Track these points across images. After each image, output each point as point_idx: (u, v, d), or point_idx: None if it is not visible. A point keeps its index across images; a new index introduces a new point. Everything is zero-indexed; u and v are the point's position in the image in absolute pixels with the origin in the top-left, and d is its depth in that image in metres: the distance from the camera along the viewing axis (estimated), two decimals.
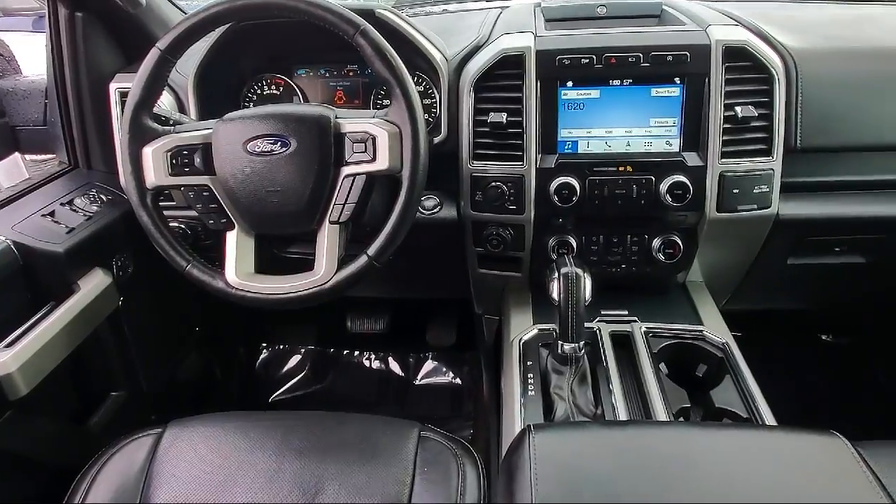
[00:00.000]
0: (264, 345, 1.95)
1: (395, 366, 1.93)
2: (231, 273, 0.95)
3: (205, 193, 0.94)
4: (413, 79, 1.20)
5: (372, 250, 0.92)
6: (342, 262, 0.94)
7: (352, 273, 0.92)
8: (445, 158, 1.16)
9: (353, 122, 0.92)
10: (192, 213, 1.00)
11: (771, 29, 1.13)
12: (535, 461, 0.62)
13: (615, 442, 0.65)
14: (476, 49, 1.14)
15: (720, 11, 1.20)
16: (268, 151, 0.91)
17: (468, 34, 1.22)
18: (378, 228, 0.93)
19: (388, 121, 0.91)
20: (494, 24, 1.25)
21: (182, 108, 1.23)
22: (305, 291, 0.93)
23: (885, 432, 0.95)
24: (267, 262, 1.00)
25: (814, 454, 0.63)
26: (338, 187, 0.92)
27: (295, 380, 1.91)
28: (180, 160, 0.93)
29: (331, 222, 0.93)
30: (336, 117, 0.93)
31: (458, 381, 1.88)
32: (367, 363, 1.95)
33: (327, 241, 0.93)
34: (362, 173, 0.91)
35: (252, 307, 0.95)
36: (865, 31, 1.22)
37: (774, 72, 1.04)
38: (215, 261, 0.98)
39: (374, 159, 0.90)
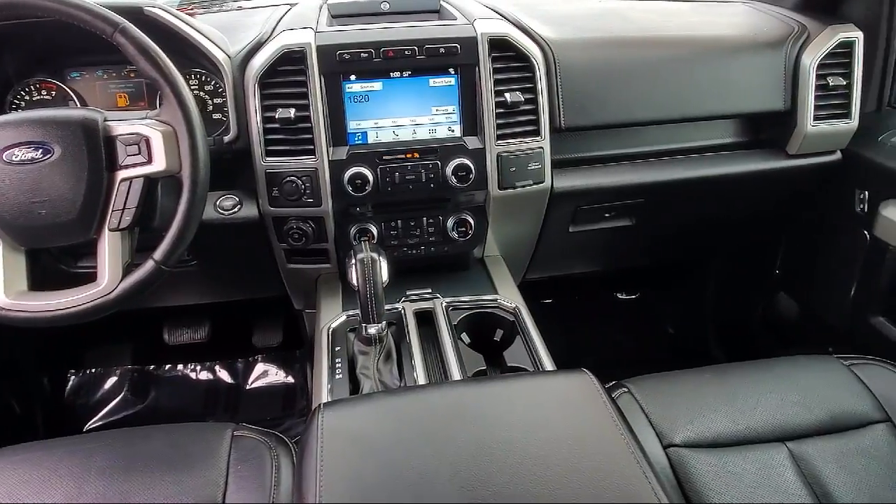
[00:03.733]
0: (72, 371, 1.80)
1: (223, 373, 1.88)
2: None
3: None
4: (201, 78, 1.20)
5: (158, 254, 0.90)
6: (128, 270, 0.91)
7: (138, 280, 0.89)
8: (240, 157, 1.16)
9: (125, 125, 0.89)
10: None
11: (531, 22, 1.25)
12: (321, 436, 0.65)
13: (398, 407, 0.70)
14: (259, 46, 1.15)
15: (490, 7, 1.31)
16: (28, 160, 0.85)
17: (253, 31, 1.22)
18: None
19: (161, 121, 0.89)
20: (279, 20, 1.26)
21: None
22: (87, 305, 0.88)
23: None
24: (51, 277, 0.94)
25: (564, 390, 0.72)
26: (114, 193, 0.89)
27: (112, 404, 1.79)
28: None
29: (111, 230, 0.89)
30: (105, 120, 0.89)
31: (290, 379, 1.87)
32: (192, 375, 1.88)
33: (109, 250, 0.89)
34: (139, 176, 0.88)
35: (27, 328, 0.89)
36: (612, 22, 1.38)
37: (535, 61, 1.16)
38: None
39: (149, 161, 0.88)
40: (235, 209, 1.18)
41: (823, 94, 1.29)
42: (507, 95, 1.15)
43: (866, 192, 1.33)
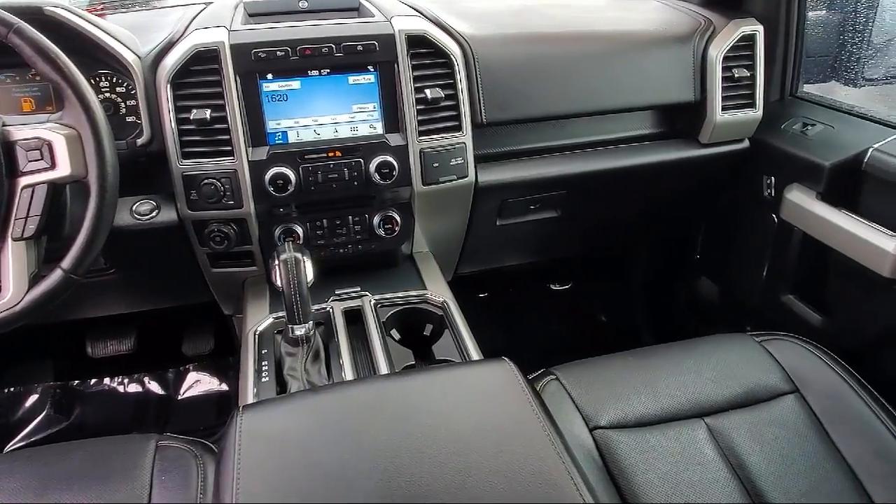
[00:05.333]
0: None
1: (153, 385, 1.82)
2: None
3: None
4: (111, 79, 1.16)
5: (66, 263, 0.87)
6: (34, 281, 0.87)
7: (46, 291, 0.86)
8: (155, 160, 1.12)
9: (26, 129, 0.85)
10: None
11: (450, 19, 1.26)
12: (239, 439, 0.64)
13: (318, 404, 0.70)
14: (170, 45, 1.12)
15: (409, 4, 1.31)
16: None
17: (164, 31, 1.19)
18: None
19: (63, 124, 0.86)
20: (192, 19, 1.23)
21: None
22: None
23: None
24: None
25: (485, 379, 0.74)
26: (16, 200, 0.85)
27: (34, 423, 1.70)
28: None
29: (14, 239, 0.85)
30: (4, 125, 0.85)
31: (224, 387, 1.83)
32: (120, 388, 1.81)
33: (13, 260, 0.86)
34: (42, 182, 0.85)
35: None
36: (531, 18, 1.41)
37: (454, 57, 1.17)
38: None
39: (53, 166, 0.85)
40: (153, 214, 1.15)
41: (730, 85, 1.36)
42: (428, 92, 1.15)
43: (773, 178, 1.41)
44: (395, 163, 1.15)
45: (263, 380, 0.98)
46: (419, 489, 0.58)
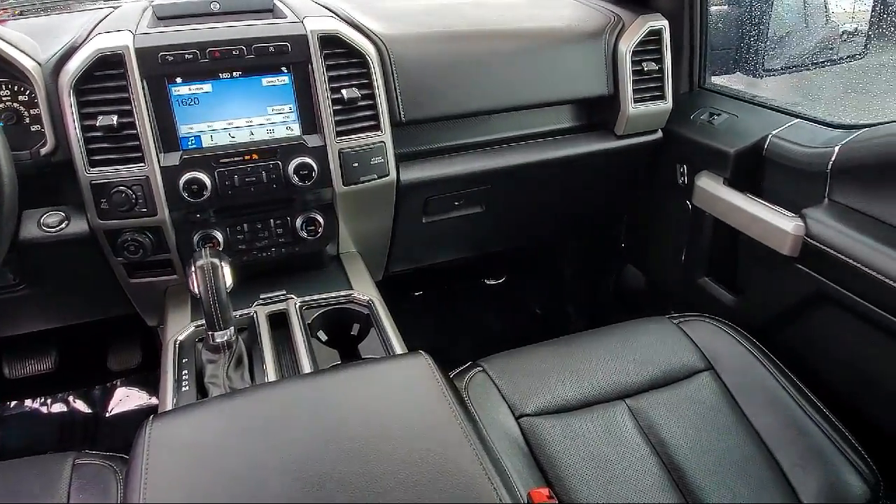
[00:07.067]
0: None
1: (78, 403, 1.75)
2: None
3: None
4: (12, 87, 1.11)
5: None
6: None
7: None
8: (63, 169, 1.09)
9: None
10: None
11: (365, 19, 1.27)
12: (148, 449, 0.63)
13: (231, 408, 0.69)
14: (72, 51, 1.08)
15: (323, 5, 1.31)
16: None
17: (67, 35, 1.15)
18: None
19: None
20: (97, 23, 1.19)
21: None
22: None
23: None
24: None
25: (400, 374, 0.75)
26: None
27: None
28: None
29: None
30: None
31: (155, 400, 1.78)
32: (43, 409, 1.73)
33: None
34: None
35: None
36: (448, 17, 1.43)
37: (368, 57, 1.18)
38: None
39: None
40: (62, 225, 1.11)
41: (640, 78, 1.41)
42: (344, 92, 1.15)
43: (685, 166, 1.47)
44: (313, 164, 1.14)
45: (184, 389, 0.96)
46: (331, 484, 0.59)
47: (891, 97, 1.45)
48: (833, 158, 1.13)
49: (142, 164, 1.07)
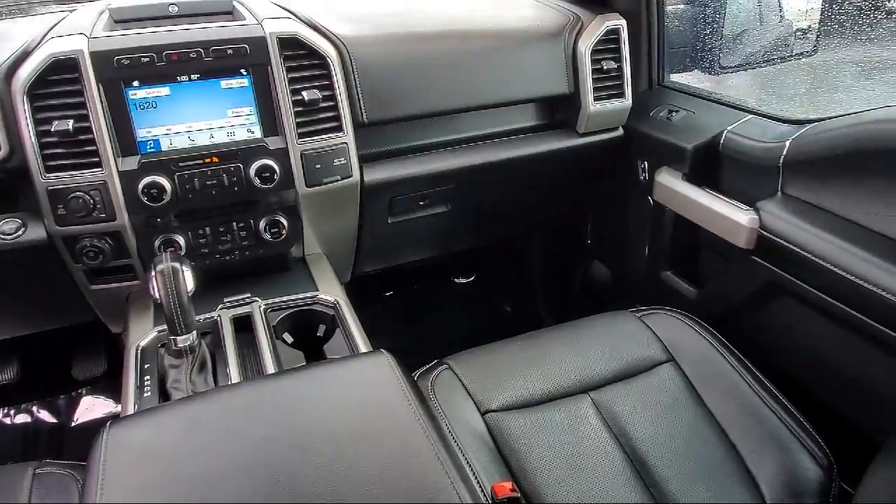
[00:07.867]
0: None
1: (43, 413, 1.72)
2: None
3: None
4: None
5: None
6: None
7: None
8: (18, 175, 1.07)
9: None
10: None
11: (326, 20, 1.27)
12: (104, 454, 0.63)
13: (190, 411, 0.69)
14: (25, 55, 1.06)
15: (283, 7, 1.31)
16: None
17: (20, 39, 1.13)
18: None
19: None
20: (51, 27, 1.17)
21: None
22: None
23: None
24: None
25: (361, 373, 0.75)
26: None
27: None
28: None
29: None
30: None
31: (120, 408, 1.75)
32: (6, 420, 1.70)
33: None
34: None
35: None
36: (409, 18, 1.44)
37: (328, 58, 1.18)
38: None
39: None
40: (19, 232, 1.09)
41: (600, 76, 1.43)
42: (305, 94, 1.15)
43: (646, 163, 1.50)
44: (275, 166, 1.14)
45: (146, 395, 0.96)
46: (289, 485, 0.59)
47: (839, 93, 1.49)
48: (784, 153, 1.17)
49: (99, 169, 1.06)
